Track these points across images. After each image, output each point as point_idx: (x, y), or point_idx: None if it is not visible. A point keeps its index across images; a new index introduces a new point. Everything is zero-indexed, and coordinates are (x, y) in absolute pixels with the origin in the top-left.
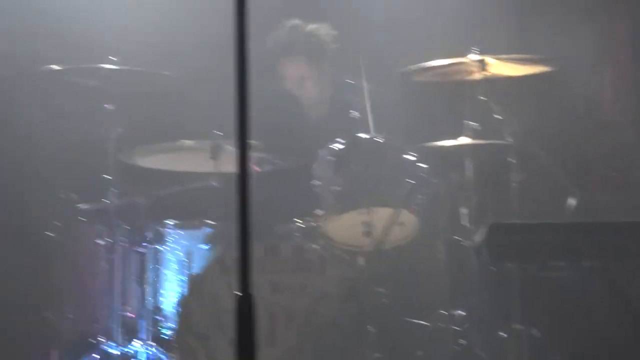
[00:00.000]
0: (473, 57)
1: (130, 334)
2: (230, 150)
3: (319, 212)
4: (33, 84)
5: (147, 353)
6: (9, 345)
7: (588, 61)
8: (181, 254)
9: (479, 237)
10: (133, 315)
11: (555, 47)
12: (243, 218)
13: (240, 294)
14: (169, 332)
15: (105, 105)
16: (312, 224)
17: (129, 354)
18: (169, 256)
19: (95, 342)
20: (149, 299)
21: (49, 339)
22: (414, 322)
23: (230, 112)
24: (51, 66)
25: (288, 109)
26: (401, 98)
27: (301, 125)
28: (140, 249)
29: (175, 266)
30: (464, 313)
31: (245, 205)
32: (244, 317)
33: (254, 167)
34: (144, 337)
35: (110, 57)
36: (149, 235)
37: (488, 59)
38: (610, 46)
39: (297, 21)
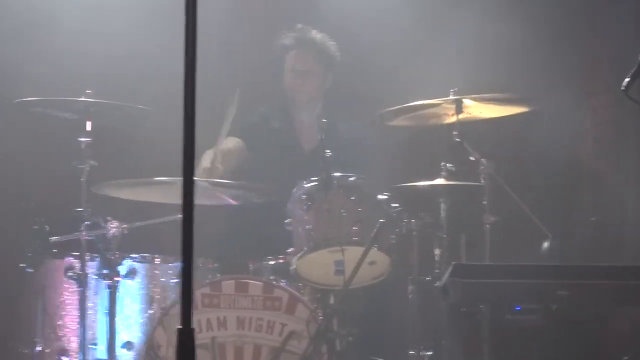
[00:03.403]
0: (450, 98)
1: None
2: (202, 184)
3: (290, 250)
4: (7, 116)
5: None
6: None
7: (567, 104)
8: (152, 287)
9: (445, 277)
10: (102, 348)
11: (535, 90)
12: (186, 252)
13: (182, 328)
14: None
15: (80, 138)
16: (284, 261)
17: None
18: (140, 290)
19: None
20: (119, 332)
21: None
22: None
23: (203, 147)
24: (26, 98)
25: (283, 137)
26: (378, 138)
27: (294, 157)
28: (112, 282)
29: (145, 300)
30: (431, 353)
31: (189, 240)
32: (185, 350)
33: (230, 201)
34: None
35: (86, 90)
36: (120, 268)
37: (465, 101)
38: (591, 90)
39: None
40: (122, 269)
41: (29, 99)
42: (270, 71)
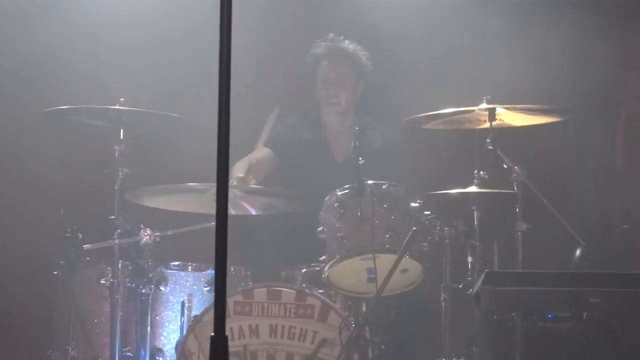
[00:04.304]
0: (483, 105)
1: None
2: (234, 193)
3: (323, 258)
4: (41, 124)
5: None
6: None
7: (600, 112)
8: (183, 295)
9: (477, 285)
10: (133, 356)
11: (566, 98)
12: (220, 259)
13: (215, 335)
14: None
15: (113, 147)
16: (316, 269)
17: None
18: (171, 297)
19: None
20: (150, 339)
21: None
22: None
23: (237, 155)
24: (60, 106)
25: (316, 151)
26: (410, 146)
27: (326, 168)
28: (143, 290)
29: (177, 307)
30: None
31: (223, 247)
32: (218, 358)
33: (258, 211)
34: None
35: (120, 99)
36: (152, 276)
37: (498, 109)
38: (622, 99)
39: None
40: (155, 277)
41: (63, 107)
42: (301, 81)
